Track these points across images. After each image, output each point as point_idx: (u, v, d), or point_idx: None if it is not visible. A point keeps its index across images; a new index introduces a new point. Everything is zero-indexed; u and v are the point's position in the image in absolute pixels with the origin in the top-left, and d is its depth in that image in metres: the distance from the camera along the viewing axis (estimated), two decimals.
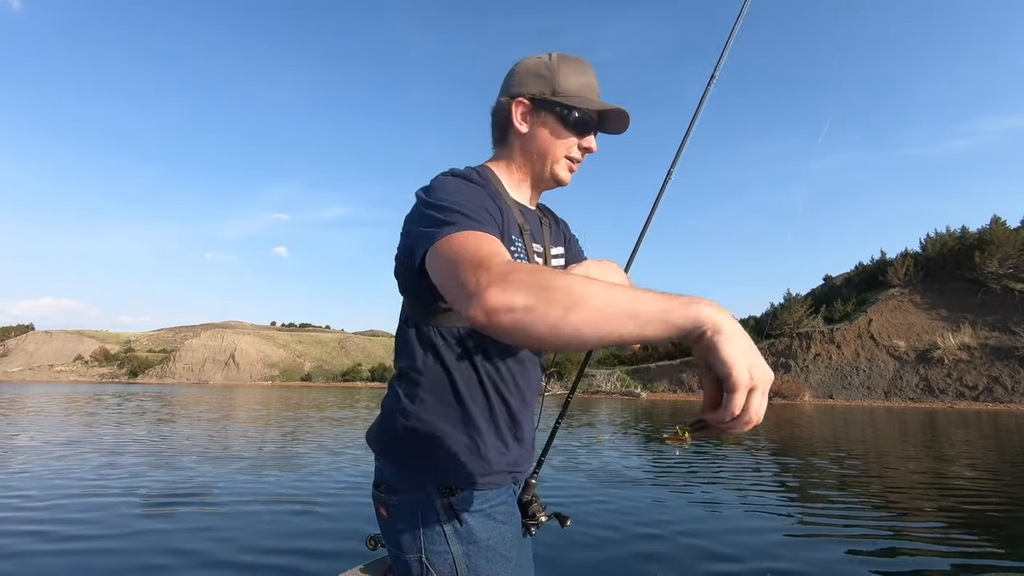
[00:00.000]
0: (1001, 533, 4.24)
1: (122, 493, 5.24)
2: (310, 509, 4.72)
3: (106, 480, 5.89)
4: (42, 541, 3.74)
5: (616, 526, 4.30)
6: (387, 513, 0.97)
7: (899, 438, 11.77)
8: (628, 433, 12.21)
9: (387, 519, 0.97)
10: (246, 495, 5.23)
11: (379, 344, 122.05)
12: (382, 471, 0.99)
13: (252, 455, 7.84)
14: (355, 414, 17.41)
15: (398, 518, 0.95)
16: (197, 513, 4.55)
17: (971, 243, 32.84)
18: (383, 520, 0.98)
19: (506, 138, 1.06)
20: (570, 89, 1.00)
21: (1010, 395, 25.95)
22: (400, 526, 0.94)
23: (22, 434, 10.24)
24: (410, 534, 0.93)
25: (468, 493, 0.94)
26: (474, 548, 0.92)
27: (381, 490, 0.98)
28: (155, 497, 5.11)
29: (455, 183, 0.92)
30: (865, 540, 4.02)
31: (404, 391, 0.97)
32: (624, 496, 5.41)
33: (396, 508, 0.95)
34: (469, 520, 0.93)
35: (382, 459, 0.99)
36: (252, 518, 4.42)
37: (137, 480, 5.97)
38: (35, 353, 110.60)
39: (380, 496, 0.98)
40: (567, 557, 3.55)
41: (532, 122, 1.03)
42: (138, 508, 4.70)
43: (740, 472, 6.96)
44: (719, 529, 4.27)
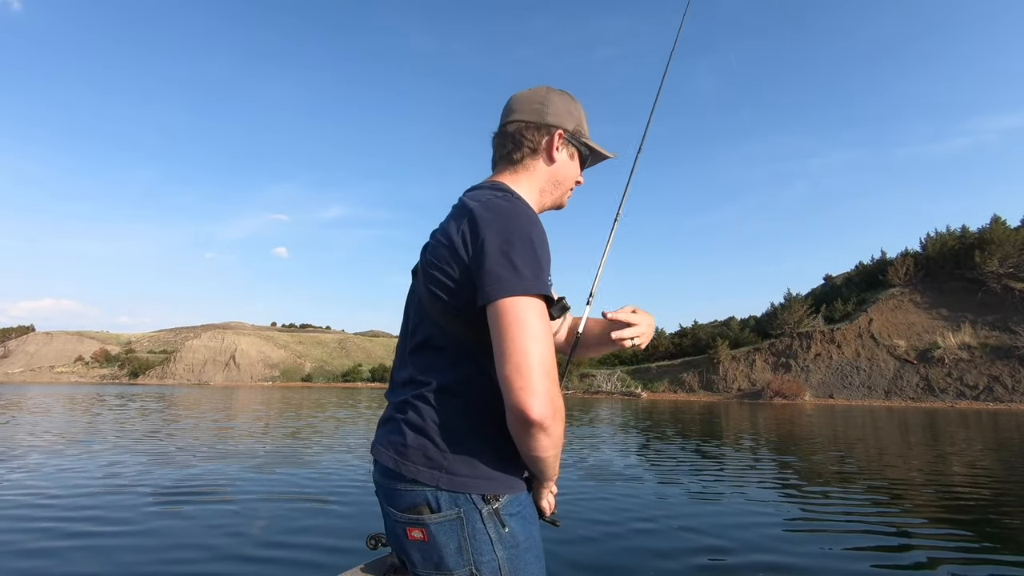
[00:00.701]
0: (1000, 530, 4.33)
1: (138, 490, 5.33)
2: (324, 507, 4.82)
3: (120, 479, 5.99)
4: (67, 537, 3.86)
5: (616, 520, 4.39)
6: (426, 535, 0.92)
7: (899, 437, 11.85)
8: (628, 432, 12.31)
9: (427, 541, 0.92)
10: (259, 491, 5.33)
11: (379, 345, 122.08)
12: (415, 492, 0.94)
13: (261, 453, 7.93)
14: (357, 414, 17.51)
15: (444, 537, 0.92)
16: (213, 509, 4.64)
17: (971, 242, 32.89)
18: (420, 543, 0.93)
19: (532, 162, 1.12)
20: (586, 130, 1.18)
21: (1010, 394, 26.01)
22: (446, 545, 0.92)
23: (32, 434, 10.33)
24: (457, 550, 0.92)
25: (508, 497, 0.96)
26: (515, 552, 0.94)
27: (415, 512, 0.93)
28: (170, 494, 5.22)
29: (539, 232, 0.95)
30: (864, 536, 4.11)
31: (447, 406, 0.96)
32: (626, 491, 5.50)
33: (440, 527, 0.92)
34: (511, 523, 0.94)
35: (417, 480, 0.94)
36: (267, 513, 4.51)
37: (150, 477, 6.11)
38: (36, 354, 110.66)
39: (415, 519, 0.93)
40: (571, 550, 3.65)
41: (562, 153, 1.15)
42: (154, 505, 4.80)
43: (741, 470, 7.06)
44: (719, 524, 4.35)
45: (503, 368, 0.85)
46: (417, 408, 0.97)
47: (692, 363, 38.12)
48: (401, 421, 0.98)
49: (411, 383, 0.99)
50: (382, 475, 1.00)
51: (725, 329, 41.23)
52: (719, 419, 17.13)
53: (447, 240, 0.97)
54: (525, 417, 0.84)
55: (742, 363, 35.81)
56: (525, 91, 1.17)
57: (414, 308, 1.05)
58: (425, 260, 1.01)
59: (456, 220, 0.98)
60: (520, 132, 1.11)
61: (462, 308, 0.95)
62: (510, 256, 0.89)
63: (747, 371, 35.13)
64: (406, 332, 1.07)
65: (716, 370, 36.08)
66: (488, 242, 0.90)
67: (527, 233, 0.92)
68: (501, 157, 1.14)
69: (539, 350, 0.85)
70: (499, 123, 1.16)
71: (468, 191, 1.08)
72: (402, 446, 0.96)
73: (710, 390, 35.23)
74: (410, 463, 0.94)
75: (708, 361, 36.94)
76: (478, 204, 0.97)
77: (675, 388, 36.88)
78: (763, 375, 34.00)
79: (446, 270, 0.95)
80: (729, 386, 34.73)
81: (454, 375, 0.96)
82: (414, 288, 1.07)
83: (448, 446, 0.94)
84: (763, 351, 35.72)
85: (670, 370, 38.88)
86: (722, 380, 35.33)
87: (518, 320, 0.86)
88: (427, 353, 0.99)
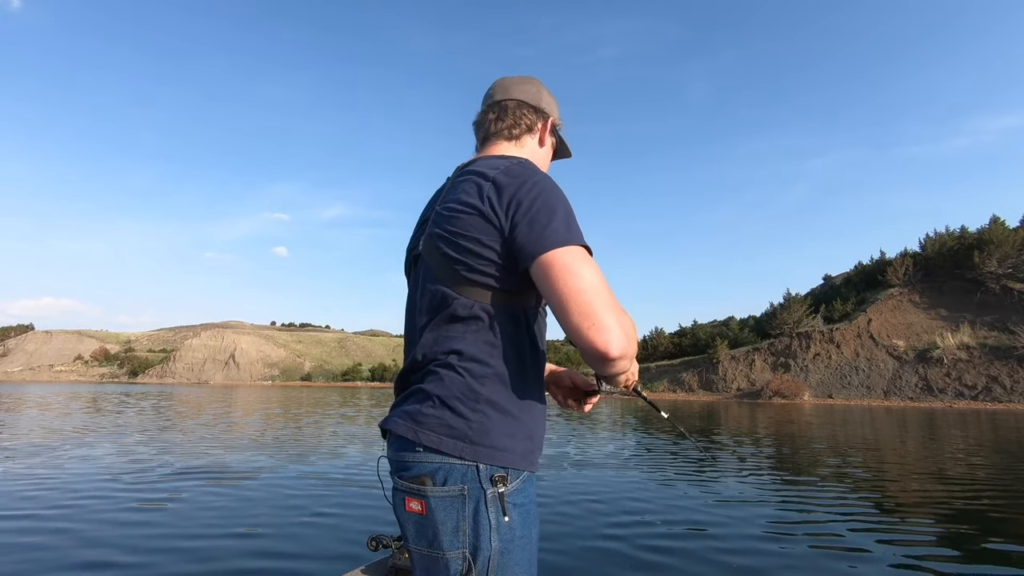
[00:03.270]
0: (999, 528, 4.33)
1: (164, 483, 5.36)
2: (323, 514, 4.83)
3: (147, 473, 6.00)
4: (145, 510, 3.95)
5: (617, 514, 4.40)
6: (424, 508, 0.90)
7: (897, 436, 11.86)
8: (628, 432, 12.31)
9: (424, 515, 0.90)
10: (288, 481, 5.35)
11: (379, 344, 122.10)
12: (424, 463, 0.91)
13: (277, 446, 7.94)
14: (360, 412, 17.51)
15: (442, 514, 0.89)
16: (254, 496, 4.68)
17: (970, 243, 32.95)
18: (418, 516, 0.90)
19: (527, 140, 1.15)
20: (561, 126, 1.23)
21: (1009, 394, 26.05)
22: (443, 522, 0.89)
23: (46, 434, 10.32)
24: (454, 530, 0.89)
25: (517, 482, 0.93)
26: (509, 545, 0.91)
27: (419, 483, 0.91)
28: (200, 487, 5.34)
29: (560, 191, 0.97)
30: (864, 533, 4.11)
31: (471, 374, 0.93)
32: (628, 486, 5.51)
33: (440, 502, 0.89)
34: (512, 513, 0.91)
35: (437, 449, 0.91)
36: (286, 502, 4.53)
37: (178, 470, 6.25)
38: (35, 353, 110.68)
39: (417, 490, 0.91)
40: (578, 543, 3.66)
41: (548, 140, 1.20)
42: (191, 499, 4.82)
43: (742, 468, 7.06)
44: (718, 519, 4.37)
45: (568, 318, 0.85)
46: (439, 376, 0.94)
47: (691, 363, 38.16)
48: (422, 391, 0.95)
49: (430, 356, 0.96)
50: (396, 447, 0.96)
51: (724, 329, 41.26)
52: (718, 418, 17.15)
53: (470, 208, 0.94)
54: (606, 357, 0.84)
55: (741, 363, 35.83)
56: (515, 76, 1.18)
57: (424, 284, 1.01)
58: (439, 233, 0.98)
59: (475, 188, 0.96)
60: (520, 110, 1.13)
61: (489, 274, 0.94)
62: (548, 213, 0.91)
63: (746, 371, 35.15)
64: (417, 310, 1.03)
65: (715, 370, 36.11)
66: (523, 203, 0.91)
67: (557, 191, 0.95)
68: (498, 131, 1.13)
69: (598, 288, 0.86)
70: (489, 100, 1.16)
71: (473, 163, 1.05)
72: (422, 415, 0.93)
73: (709, 390, 35.25)
74: (430, 432, 0.91)
75: (707, 361, 36.98)
76: (498, 171, 0.96)
77: (674, 388, 36.90)
78: (762, 375, 34.03)
79: (474, 237, 0.93)
80: (728, 386, 34.75)
81: (477, 345, 0.94)
82: (422, 265, 1.03)
83: (471, 415, 0.91)
84: (762, 351, 35.74)
85: (669, 370, 38.91)
86: (721, 380, 35.36)
87: (568, 267, 0.87)
88: (448, 325, 0.96)
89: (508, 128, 1.12)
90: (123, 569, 3.23)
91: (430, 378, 0.95)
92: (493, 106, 1.14)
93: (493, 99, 1.15)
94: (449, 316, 0.96)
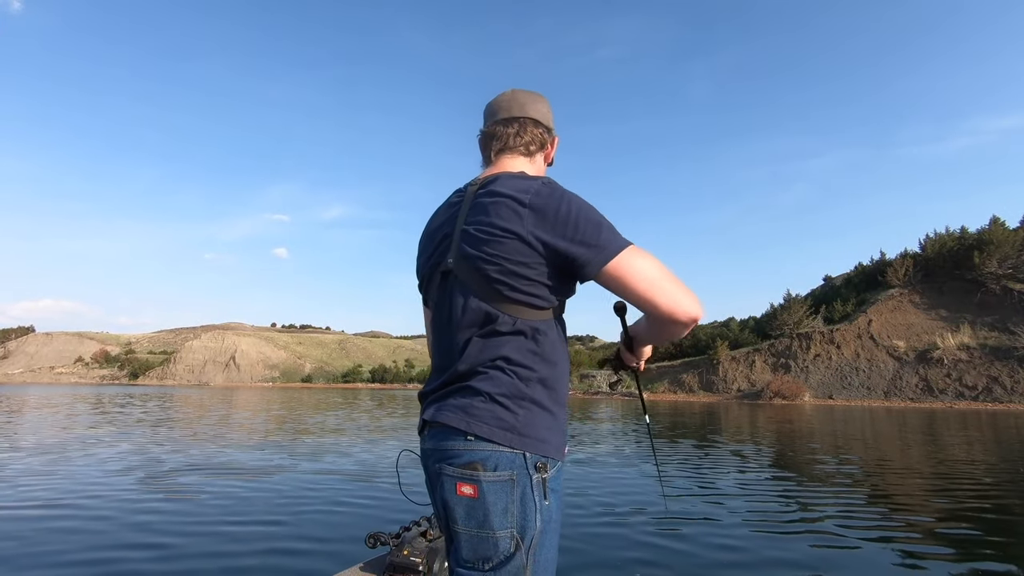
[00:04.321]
0: (999, 525, 4.34)
1: (190, 483, 5.38)
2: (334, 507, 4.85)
3: (170, 474, 6.02)
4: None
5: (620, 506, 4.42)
6: (477, 492, 0.99)
7: (897, 437, 11.86)
8: (628, 430, 12.31)
9: (476, 498, 0.99)
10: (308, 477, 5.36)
11: (379, 345, 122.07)
12: (476, 451, 1.00)
13: (293, 446, 7.96)
14: (366, 412, 17.52)
15: (493, 496, 0.98)
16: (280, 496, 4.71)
17: (970, 243, 32.94)
18: (469, 500, 0.99)
19: (539, 157, 1.26)
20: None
21: (1009, 395, 26.04)
22: (495, 504, 0.98)
23: (59, 433, 10.33)
24: (504, 511, 0.98)
25: (553, 470, 1.04)
26: (547, 526, 1.01)
27: (471, 468, 0.99)
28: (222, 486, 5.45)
29: (587, 202, 1.10)
30: (862, 531, 4.12)
31: (516, 376, 1.04)
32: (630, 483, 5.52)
33: (492, 487, 0.98)
34: (551, 498, 1.02)
35: (489, 439, 1.00)
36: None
37: (196, 466, 6.43)
38: (36, 355, 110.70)
39: (469, 475, 0.99)
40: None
41: (551, 157, 1.31)
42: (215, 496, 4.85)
43: (743, 466, 7.07)
44: (721, 519, 4.38)
45: (658, 307, 1.00)
46: (489, 376, 1.04)
47: (692, 364, 38.16)
48: (471, 388, 1.04)
49: (476, 364, 1.05)
50: (440, 438, 1.05)
51: (725, 330, 41.26)
52: (718, 419, 17.14)
53: (509, 233, 1.02)
54: (697, 319, 1.01)
55: (742, 364, 35.83)
56: (528, 92, 1.24)
57: (463, 300, 1.08)
58: (478, 255, 1.05)
59: (512, 213, 1.03)
60: (537, 128, 1.22)
61: (529, 293, 1.05)
62: (595, 227, 1.02)
63: (747, 372, 35.14)
64: (455, 324, 1.09)
65: (716, 371, 36.10)
66: (568, 225, 1.02)
67: (587, 203, 1.07)
68: (516, 146, 1.20)
69: (664, 273, 1.01)
70: (506, 114, 1.21)
71: (495, 181, 1.10)
72: (474, 408, 1.03)
73: (710, 390, 35.25)
74: (483, 423, 1.01)
75: (708, 362, 36.97)
76: (531, 195, 1.04)
77: (675, 389, 36.90)
78: (763, 376, 34.03)
79: (517, 260, 1.03)
80: (729, 387, 34.74)
81: (522, 352, 1.05)
82: (456, 281, 1.09)
83: (518, 410, 1.03)
84: (763, 352, 35.74)
85: (670, 371, 38.91)
86: (722, 380, 35.36)
87: (633, 265, 1.00)
88: (492, 338, 1.05)
89: (526, 144, 1.21)
90: (167, 549, 3.62)
91: (479, 378, 1.05)
92: (512, 121, 1.21)
93: (511, 113, 1.21)
94: (492, 331, 1.05)
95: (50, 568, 3.28)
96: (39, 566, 3.30)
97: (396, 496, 5.17)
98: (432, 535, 2.03)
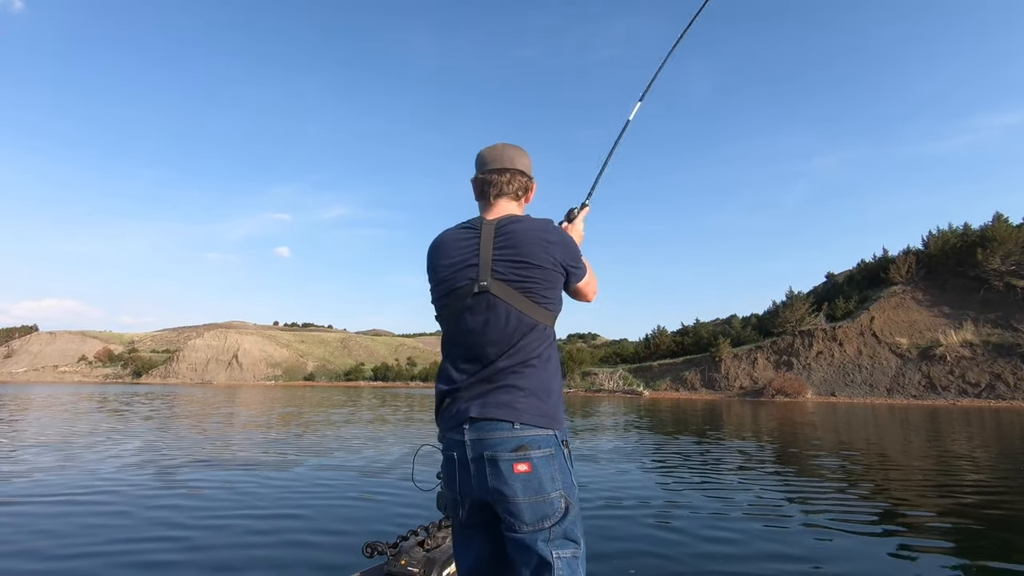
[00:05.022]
0: (1000, 521, 4.38)
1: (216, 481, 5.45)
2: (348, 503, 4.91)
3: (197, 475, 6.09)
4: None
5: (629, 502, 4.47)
6: (531, 467, 1.26)
7: (900, 434, 11.89)
8: (629, 430, 12.36)
9: (531, 472, 1.26)
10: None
11: (381, 344, 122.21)
12: (523, 437, 1.28)
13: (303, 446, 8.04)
14: (369, 410, 17.59)
15: (543, 469, 1.27)
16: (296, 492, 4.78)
17: (973, 240, 32.83)
18: (525, 475, 1.25)
19: (524, 202, 1.57)
20: None
21: (1012, 392, 26.00)
22: (544, 474, 1.27)
23: (70, 432, 10.42)
24: (551, 477, 1.27)
25: (569, 443, 1.37)
26: (574, 480, 1.35)
27: (522, 450, 1.27)
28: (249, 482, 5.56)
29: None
30: (862, 526, 4.17)
31: (545, 371, 1.36)
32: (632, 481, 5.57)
33: (541, 461, 1.27)
34: (574, 462, 1.37)
35: (535, 426, 1.29)
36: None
37: (210, 463, 6.57)
38: (39, 354, 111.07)
39: (523, 456, 1.26)
40: None
41: (531, 199, 1.61)
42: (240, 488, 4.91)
43: (743, 462, 7.12)
44: (721, 515, 4.42)
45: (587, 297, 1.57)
46: (526, 375, 1.33)
47: (694, 361, 38.15)
48: (513, 386, 1.31)
49: (515, 362, 1.32)
50: (488, 430, 1.29)
51: (727, 327, 41.25)
52: (720, 417, 17.18)
53: (546, 264, 1.38)
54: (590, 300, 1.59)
55: (744, 361, 35.83)
56: (514, 147, 1.54)
57: (503, 313, 1.34)
58: (519, 279, 1.36)
59: (542, 249, 1.38)
60: (522, 177, 1.53)
61: (554, 306, 1.41)
62: (577, 254, 1.48)
63: (749, 369, 35.15)
64: (494, 329, 1.35)
65: (718, 368, 36.11)
66: (569, 257, 1.43)
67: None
68: (508, 192, 1.50)
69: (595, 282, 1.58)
70: (497, 164, 1.50)
71: (513, 221, 1.42)
72: (518, 403, 1.30)
73: (712, 388, 35.27)
74: (527, 413, 1.29)
75: (710, 359, 36.97)
76: (553, 233, 1.42)
77: (677, 386, 36.92)
78: (765, 373, 34.03)
79: (550, 284, 1.39)
80: (731, 384, 34.76)
81: (548, 352, 1.37)
82: (494, 299, 1.36)
83: (550, 401, 1.34)
84: (765, 349, 35.73)
85: (672, 368, 38.93)
86: (724, 378, 35.37)
87: (592, 281, 1.55)
88: (528, 342, 1.34)
89: (515, 191, 1.51)
90: (191, 540, 3.78)
91: (517, 375, 1.33)
92: (504, 171, 1.50)
93: (503, 165, 1.50)
94: (529, 336, 1.35)
95: (80, 559, 3.37)
96: (70, 556, 3.40)
97: (401, 493, 5.24)
98: (430, 544, 2.00)
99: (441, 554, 1.95)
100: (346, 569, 2.30)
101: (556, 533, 1.25)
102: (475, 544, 1.37)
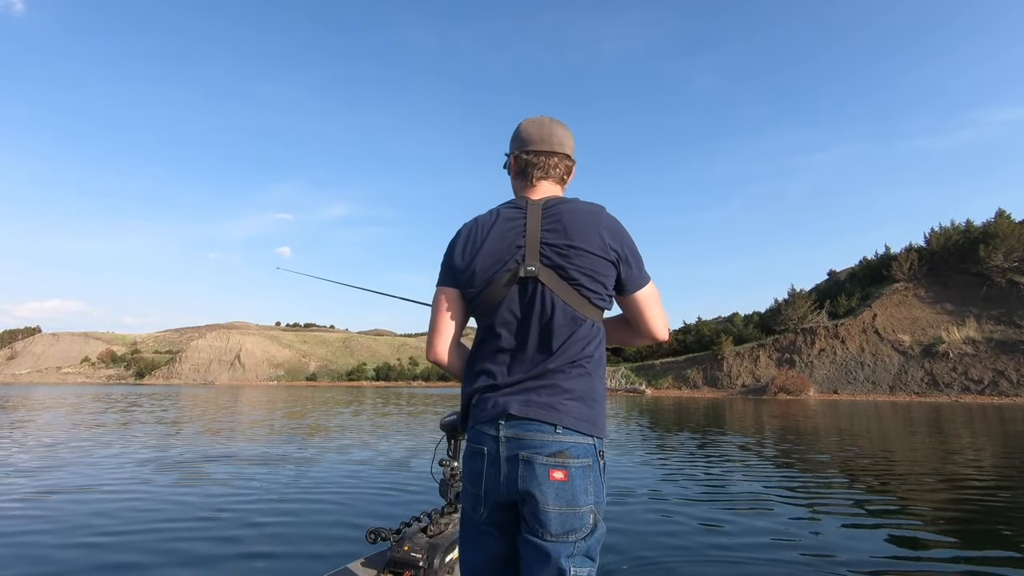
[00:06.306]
0: (1002, 514, 4.40)
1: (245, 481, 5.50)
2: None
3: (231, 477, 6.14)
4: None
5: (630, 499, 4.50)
6: (567, 476, 1.15)
7: (902, 430, 11.89)
8: (631, 429, 12.38)
9: (567, 481, 1.15)
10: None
11: (383, 343, 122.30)
12: (563, 442, 1.17)
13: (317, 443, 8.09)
14: (372, 408, 17.64)
15: (579, 479, 1.16)
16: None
17: (975, 237, 32.78)
18: (560, 483, 1.15)
19: (564, 186, 1.43)
20: None
21: (1015, 388, 25.97)
22: (580, 485, 1.16)
23: (80, 431, 10.47)
24: (584, 489, 1.17)
25: (605, 452, 1.25)
26: (605, 497, 1.24)
27: (561, 457, 1.16)
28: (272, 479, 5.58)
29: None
30: (863, 519, 4.19)
31: (592, 374, 1.25)
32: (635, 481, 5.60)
33: (578, 471, 1.17)
34: (606, 477, 1.25)
35: (577, 431, 1.19)
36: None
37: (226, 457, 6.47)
38: (42, 355, 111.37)
39: (561, 463, 1.16)
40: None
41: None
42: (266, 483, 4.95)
43: (746, 462, 7.14)
44: (722, 511, 4.45)
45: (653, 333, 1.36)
46: (573, 377, 1.22)
47: (696, 359, 38.15)
48: (558, 386, 1.21)
49: (564, 361, 1.22)
50: (526, 428, 1.19)
51: (729, 325, 41.22)
52: (723, 415, 17.20)
53: (598, 252, 1.23)
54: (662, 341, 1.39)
55: (746, 359, 35.82)
56: (561, 125, 1.41)
57: (551, 304, 1.23)
58: (570, 268, 1.22)
59: (597, 236, 1.24)
60: (568, 161, 1.41)
61: (605, 300, 1.27)
62: (640, 257, 1.32)
63: (751, 367, 35.14)
64: (541, 320, 1.23)
65: (720, 366, 36.10)
66: (626, 249, 1.28)
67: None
68: (555, 176, 1.38)
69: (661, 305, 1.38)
70: (547, 146, 1.36)
71: (561, 203, 1.29)
72: (561, 405, 1.20)
73: (714, 386, 35.27)
74: (570, 417, 1.19)
75: (712, 357, 36.97)
76: (604, 217, 1.29)
77: (679, 384, 36.92)
78: (767, 371, 34.01)
79: (603, 274, 1.25)
80: (733, 382, 34.75)
81: (597, 352, 1.26)
82: (541, 287, 1.23)
83: (594, 405, 1.23)
84: (767, 347, 35.71)
85: (674, 366, 38.93)
86: (726, 376, 35.36)
87: (656, 297, 1.35)
88: (577, 339, 1.23)
89: (562, 175, 1.40)
90: (220, 522, 4.02)
91: (564, 376, 1.23)
92: (552, 154, 1.37)
93: (551, 147, 1.37)
94: (577, 332, 1.24)
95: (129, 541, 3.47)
96: (119, 544, 3.41)
97: (412, 485, 5.27)
98: (432, 531, 1.99)
99: (444, 540, 1.95)
100: (350, 556, 2.32)
101: (579, 549, 1.16)
102: (489, 543, 1.25)
